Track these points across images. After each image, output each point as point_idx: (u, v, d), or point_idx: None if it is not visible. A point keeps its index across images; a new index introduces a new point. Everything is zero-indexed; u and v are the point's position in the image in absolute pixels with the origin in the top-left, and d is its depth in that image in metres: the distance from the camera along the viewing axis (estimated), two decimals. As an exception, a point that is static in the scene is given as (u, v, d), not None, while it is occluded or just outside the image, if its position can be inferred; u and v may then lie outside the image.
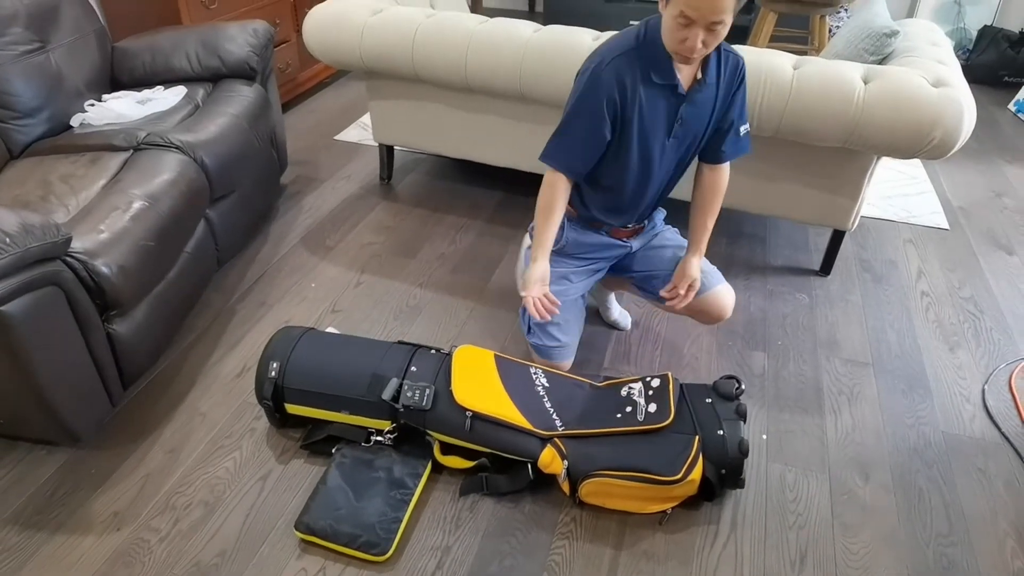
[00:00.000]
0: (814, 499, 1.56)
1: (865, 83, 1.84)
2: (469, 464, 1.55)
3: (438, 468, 1.58)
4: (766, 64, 1.91)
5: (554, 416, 1.53)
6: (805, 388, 1.86)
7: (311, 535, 1.42)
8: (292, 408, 1.61)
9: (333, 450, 1.59)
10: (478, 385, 1.54)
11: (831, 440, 1.71)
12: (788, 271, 2.34)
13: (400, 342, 1.67)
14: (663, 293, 1.72)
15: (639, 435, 1.48)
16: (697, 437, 1.46)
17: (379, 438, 1.59)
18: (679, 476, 1.41)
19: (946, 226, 2.61)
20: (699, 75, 1.50)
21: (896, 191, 2.82)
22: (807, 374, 1.91)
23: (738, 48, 2.00)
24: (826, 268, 2.31)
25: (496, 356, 1.64)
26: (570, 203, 1.70)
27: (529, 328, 1.70)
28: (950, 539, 1.48)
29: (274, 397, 1.59)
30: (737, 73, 1.54)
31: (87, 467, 1.57)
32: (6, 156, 1.98)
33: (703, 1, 1.29)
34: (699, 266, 1.70)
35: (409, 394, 1.52)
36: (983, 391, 1.87)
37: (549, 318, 1.56)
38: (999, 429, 1.75)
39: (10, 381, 1.41)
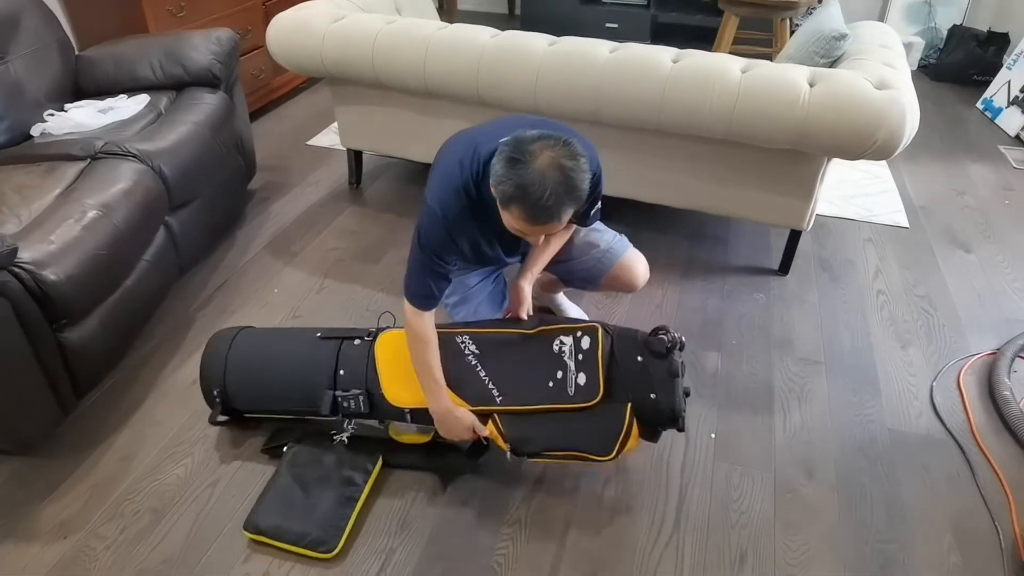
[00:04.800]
0: (758, 498, 1.58)
1: (811, 86, 1.86)
2: (426, 438, 1.60)
3: (388, 464, 1.61)
4: (715, 68, 1.93)
5: (490, 386, 1.51)
6: (756, 388, 1.88)
7: (259, 534, 1.44)
8: (252, 415, 1.66)
9: (284, 448, 1.62)
10: (407, 376, 1.53)
11: (779, 439, 1.73)
12: (747, 271, 2.36)
13: (322, 336, 1.62)
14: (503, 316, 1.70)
15: (571, 412, 1.47)
16: (629, 405, 1.44)
17: (343, 436, 1.61)
18: (612, 455, 1.44)
19: (906, 225, 2.64)
20: None
21: (859, 190, 2.85)
22: (759, 374, 1.93)
23: (695, 54, 2.02)
24: (784, 268, 2.34)
25: None
26: None
27: None
28: (888, 535, 1.51)
29: (231, 413, 1.65)
30: (590, 190, 1.39)
31: (37, 475, 1.58)
32: (-36, 167, 2.00)
33: (536, 230, 1.29)
34: (526, 289, 1.65)
35: (345, 404, 1.55)
36: (931, 388, 1.89)
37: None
38: (944, 425, 1.78)
39: (-44, 391, 1.42)
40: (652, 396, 1.44)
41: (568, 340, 1.53)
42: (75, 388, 1.68)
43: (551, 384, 1.49)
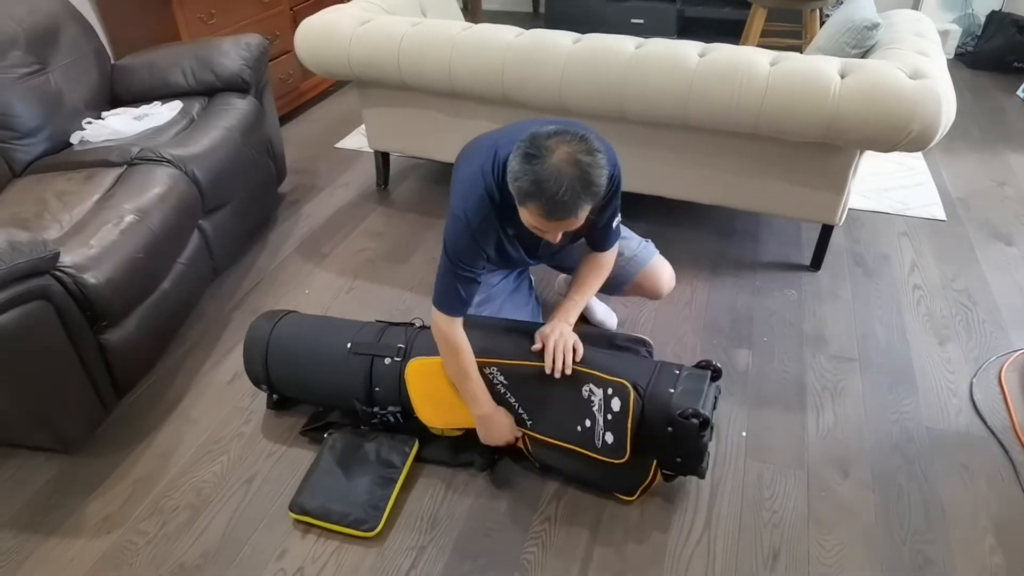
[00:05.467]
0: (791, 496, 1.56)
1: (841, 77, 1.83)
2: (457, 432, 1.63)
3: (420, 459, 1.64)
4: (743, 61, 1.91)
5: (521, 411, 1.54)
6: (788, 385, 1.86)
7: (304, 515, 1.50)
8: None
9: (325, 435, 1.68)
10: (438, 400, 1.57)
11: (812, 437, 1.70)
12: (778, 267, 2.33)
13: (352, 351, 1.63)
14: (534, 349, 1.54)
15: (597, 460, 1.49)
16: (655, 461, 1.48)
17: (388, 409, 1.65)
18: (635, 497, 1.52)
19: (943, 217, 2.57)
20: None
21: (893, 183, 2.79)
22: (791, 371, 1.90)
23: (722, 48, 1.99)
24: (816, 263, 2.30)
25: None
26: None
27: None
28: (927, 536, 1.47)
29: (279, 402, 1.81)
30: (607, 189, 1.39)
31: (82, 473, 1.63)
32: (8, 175, 2.07)
33: (554, 226, 1.28)
34: (563, 330, 1.51)
35: (384, 419, 1.63)
36: (971, 385, 1.84)
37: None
38: (985, 423, 1.73)
39: (3, 391, 1.47)
40: (678, 460, 1.45)
41: (598, 392, 1.47)
42: (115, 388, 1.73)
43: (579, 429, 1.49)
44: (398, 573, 1.41)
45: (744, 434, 1.71)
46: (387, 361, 1.60)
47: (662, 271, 1.75)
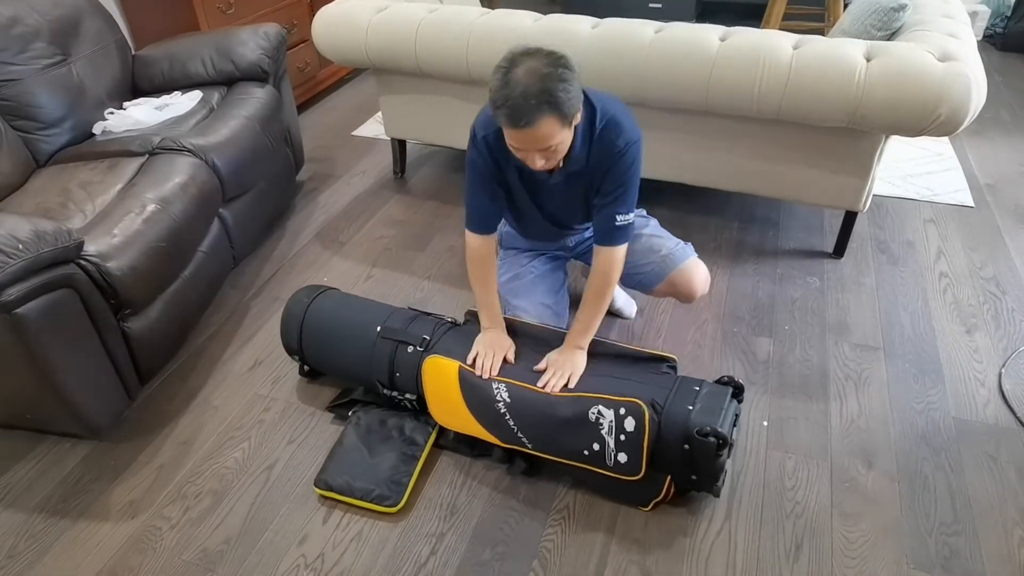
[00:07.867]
0: (814, 487, 1.54)
1: (867, 61, 1.78)
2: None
3: (439, 445, 1.66)
4: (765, 45, 1.87)
5: (520, 435, 1.51)
6: (811, 374, 1.83)
7: (329, 491, 1.53)
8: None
9: (349, 413, 1.71)
10: (446, 403, 1.57)
11: (835, 427, 1.68)
12: (800, 254, 2.29)
13: (383, 336, 1.66)
14: (536, 368, 1.55)
15: (606, 475, 1.47)
16: (668, 477, 1.45)
17: (406, 396, 1.67)
18: (648, 508, 1.50)
19: (971, 204, 2.51)
20: (560, 163, 1.48)
21: (919, 169, 2.73)
22: (813, 360, 1.88)
23: (744, 31, 1.96)
24: (839, 250, 2.26)
25: (460, 369, 1.54)
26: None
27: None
28: (954, 528, 1.45)
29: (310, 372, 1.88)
30: (612, 151, 1.44)
31: (107, 458, 1.66)
32: (32, 165, 2.09)
33: (522, 138, 1.31)
34: (571, 358, 1.52)
35: (401, 404, 1.67)
36: (1000, 375, 1.81)
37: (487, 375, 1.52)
38: (1015, 414, 1.70)
39: (31, 378, 1.50)
40: (693, 477, 1.42)
41: (608, 414, 1.41)
42: (139, 375, 1.75)
43: (586, 452, 1.45)
44: (418, 559, 1.42)
45: (765, 424, 1.70)
46: (410, 349, 1.62)
47: (696, 272, 1.70)
